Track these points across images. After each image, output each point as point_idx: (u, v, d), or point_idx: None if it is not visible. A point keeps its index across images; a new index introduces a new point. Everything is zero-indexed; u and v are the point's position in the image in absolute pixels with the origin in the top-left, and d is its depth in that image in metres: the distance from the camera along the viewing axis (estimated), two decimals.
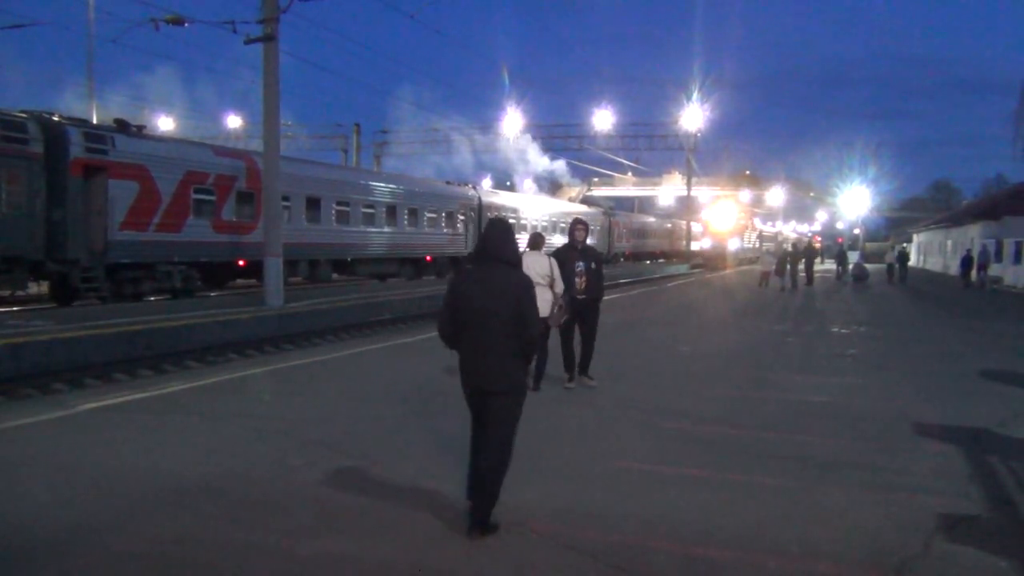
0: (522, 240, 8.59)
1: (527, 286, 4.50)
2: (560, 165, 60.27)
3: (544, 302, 8.02)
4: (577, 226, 8.87)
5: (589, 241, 9.02)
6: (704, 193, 63.27)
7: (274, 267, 17.00)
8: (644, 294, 25.74)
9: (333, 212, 24.76)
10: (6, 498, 4.85)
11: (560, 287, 8.06)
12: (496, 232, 4.62)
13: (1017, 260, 34.17)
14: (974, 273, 32.82)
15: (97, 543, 4.14)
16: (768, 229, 74.87)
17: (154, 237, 18.44)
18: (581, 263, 8.44)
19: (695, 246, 55.31)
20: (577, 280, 8.33)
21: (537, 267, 8.06)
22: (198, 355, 12.88)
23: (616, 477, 5.43)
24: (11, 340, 11.23)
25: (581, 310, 8.40)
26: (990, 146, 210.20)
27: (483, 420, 4.51)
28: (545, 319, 8.06)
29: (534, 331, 4.46)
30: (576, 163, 57.67)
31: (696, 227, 59.41)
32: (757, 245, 61.29)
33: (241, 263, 21.06)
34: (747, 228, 57.25)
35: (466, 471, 4.64)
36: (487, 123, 53.23)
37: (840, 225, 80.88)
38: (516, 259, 4.63)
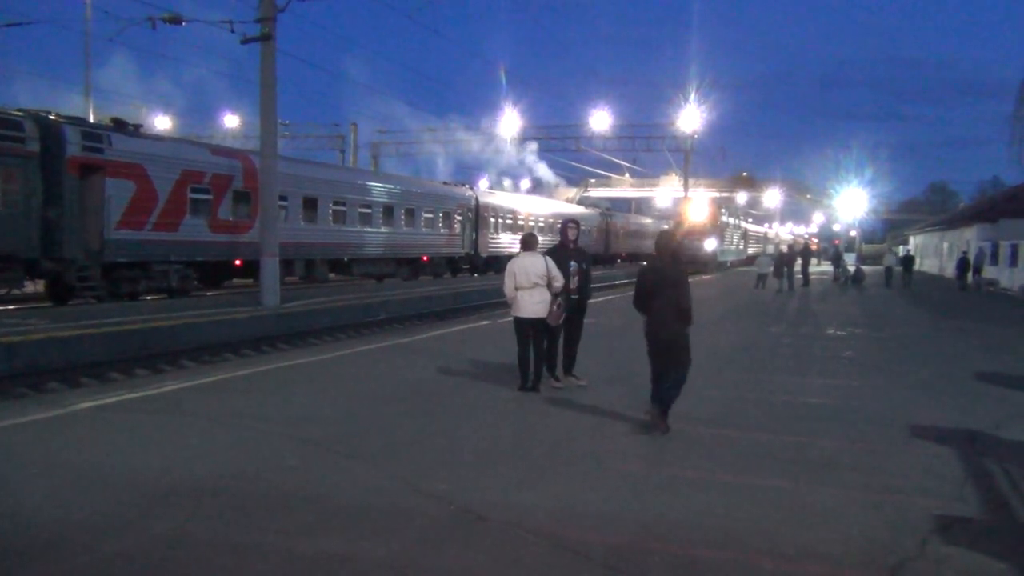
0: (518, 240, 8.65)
1: (683, 275, 6.79)
2: (533, 150, 57.32)
3: (543, 303, 8.03)
4: (568, 226, 8.89)
5: (583, 242, 9.08)
6: (701, 194, 63.09)
7: (270, 267, 16.98)
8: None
9: (330, 212, 24.76)
10: (1, 498, 4.84)
11: (559, 284, 8.06)
12: (664, 239, 7.04)
13: (1013, 263, 34.24)
14: (970, 276, 32.87)
15: (93, 543, 4.12)
16: (756, 228, 70.99)
17: (150, 236, 18.40)
18: (574, 262, 8.46)
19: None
20: (570, 279, 8.37)
21: (533, 268, 8.06)
22: (194, 355, 12.86)
23: (611, 477, 5.43)
24: (6, 339, 11.20)
25: (572, 309, 8.43)
26: (987, 149, 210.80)
27: (664, 358, 6.66)
28: (544, 319, 8.08)
29: (687, 304, 6.56)
30: (574, 164, 57.52)
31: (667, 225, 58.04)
32: (742, 246, 58.13)
33: (237, 263, 21.04)
34: (729, 226, 51.88)
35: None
36: (484, 124, 53.24)
37: (837, 227, 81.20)
38: (677, 256, 7.07)
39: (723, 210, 51.25)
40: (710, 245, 45.71)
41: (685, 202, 50.50)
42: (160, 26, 17.11)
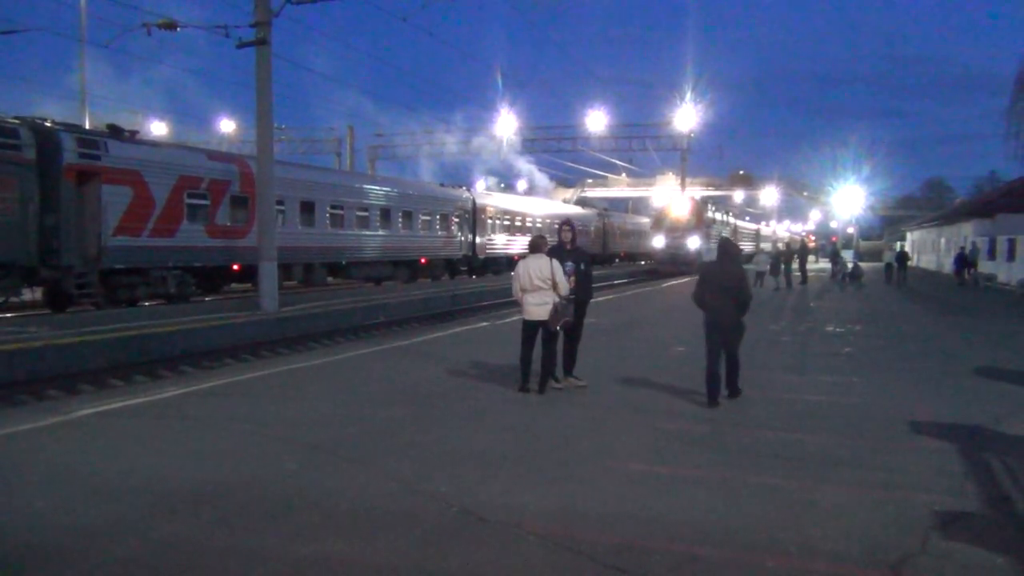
0: (525, 241, 8.61)
1: (742, 271, 8.25)
2: (519, 149, 54.71)
3: (545, 305, 8.02)
4: (564, 227, 8.90)
5: (581, 242, 9.05)
6: (698, 193, 62.88)
7: (269, 271, 16.98)
8: (638, 295, 25.76)
9: (327, 216, 24.76)
10: (2, 505, 4.83)
11: (564, 289, 8.05)
12: (726, 243, 8.64)
13: (1010, 258, 34.27)
14: (967, 271, 32.88)
15: (95, 549, 4.12)
16: (747, 225, 67.28)
17: (148, 242, 18.40)
18: (570, 263, 8.46)
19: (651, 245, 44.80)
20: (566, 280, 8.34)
21: (536, 270, 8.05)
22: (193, 360, 12.85)
23: (613, 477, 5.43)
24: (5, 346, 11.19)
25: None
26: (983, 144, 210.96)
27: (723, 341, 7.85)
28: (545, 322, 8.06)
29: (746, 296, 7.92)
30: (570, 164, 57.51)
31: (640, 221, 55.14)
32: None
33: (236, 267, 21.04)
34: (716, 223, 47.27)
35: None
36: (481, 125, 53.25)
37: (834, 224, 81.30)
38: (736, 254, 8.49)
39: (710, 206, 47.50)
40: (693, 244, 41.29)
41: (667, 198, 47.56)
42: (156, 32, 17.11)
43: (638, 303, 21.83)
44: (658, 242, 42.72)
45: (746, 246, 60.08)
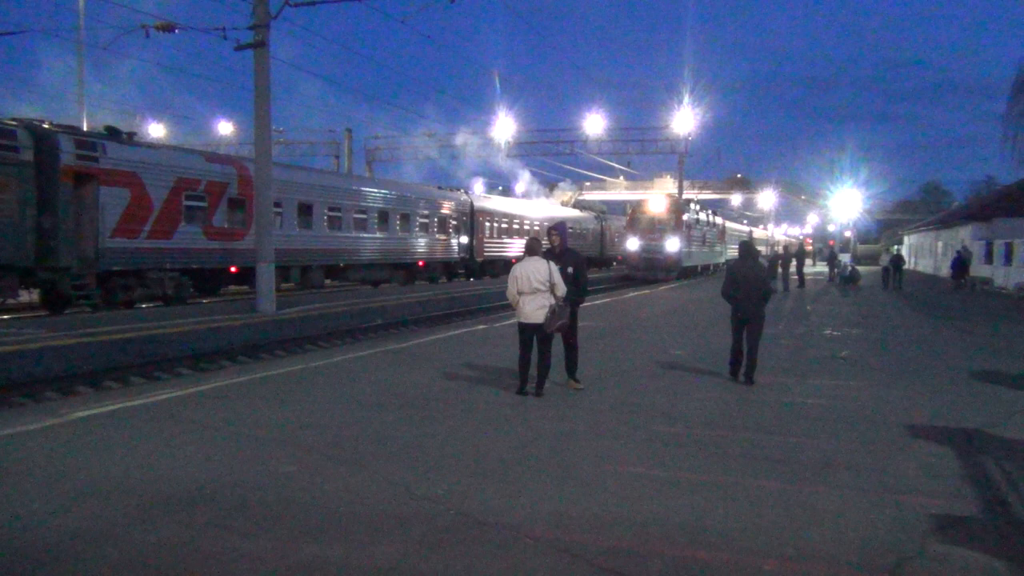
0: (522, 243, 8.53)
1: (763, 268, 9.63)
2: (513, 153, 53.85)
3: (543, 308, 8.01)
4: (552, 232, 8.93)
5: (577, 244, 9.03)
6: (696, 196, 62.73)
7: (266, 273, 16.98)
8: (635, 298, 25.77)
9: (325, 218, 24.77)
10: None
11: (562, 291, 8.04)
12: (747, 245, 9.70)
13: (1007, 261, 34.33)
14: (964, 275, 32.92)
15: (91, 551, 4.11)
16: (737, 226, 63.35)
17: (145, 244, 18.39)
18: (557, 267, 8.44)
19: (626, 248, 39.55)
20: None
21: (534, 273, 8.05)
22: (190, 362, 12.83)
23: (610, 481, 5.43)
24: (2, 348, 11.17)
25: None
26: (980, 148, 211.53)
27: (745, 329, 9.15)
28: (541, 325, 8.06)
29: (768, 290, 9.30)
30: (568, 167, 57.50)
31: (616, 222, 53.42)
32: (719, 247, 49.39)
33: (233, 269, 21.04)
34: (699, 223, 42.66)
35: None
36: (479, 128, 53.28)
37: (832, 228, 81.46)
38: (756, 254, 9.71)
39: (693, 205, 42.99)
40: (672, 246, 36.82)
41: (644, 196, 44.82)
42: (154, 34, 17.12)
43: (634, 306, 21.82)
44: (632, 244, 37.80)
45: (733, 248, 59.72)
